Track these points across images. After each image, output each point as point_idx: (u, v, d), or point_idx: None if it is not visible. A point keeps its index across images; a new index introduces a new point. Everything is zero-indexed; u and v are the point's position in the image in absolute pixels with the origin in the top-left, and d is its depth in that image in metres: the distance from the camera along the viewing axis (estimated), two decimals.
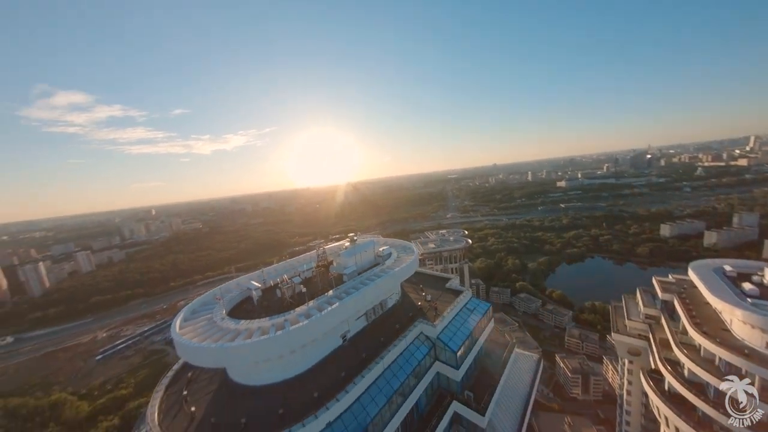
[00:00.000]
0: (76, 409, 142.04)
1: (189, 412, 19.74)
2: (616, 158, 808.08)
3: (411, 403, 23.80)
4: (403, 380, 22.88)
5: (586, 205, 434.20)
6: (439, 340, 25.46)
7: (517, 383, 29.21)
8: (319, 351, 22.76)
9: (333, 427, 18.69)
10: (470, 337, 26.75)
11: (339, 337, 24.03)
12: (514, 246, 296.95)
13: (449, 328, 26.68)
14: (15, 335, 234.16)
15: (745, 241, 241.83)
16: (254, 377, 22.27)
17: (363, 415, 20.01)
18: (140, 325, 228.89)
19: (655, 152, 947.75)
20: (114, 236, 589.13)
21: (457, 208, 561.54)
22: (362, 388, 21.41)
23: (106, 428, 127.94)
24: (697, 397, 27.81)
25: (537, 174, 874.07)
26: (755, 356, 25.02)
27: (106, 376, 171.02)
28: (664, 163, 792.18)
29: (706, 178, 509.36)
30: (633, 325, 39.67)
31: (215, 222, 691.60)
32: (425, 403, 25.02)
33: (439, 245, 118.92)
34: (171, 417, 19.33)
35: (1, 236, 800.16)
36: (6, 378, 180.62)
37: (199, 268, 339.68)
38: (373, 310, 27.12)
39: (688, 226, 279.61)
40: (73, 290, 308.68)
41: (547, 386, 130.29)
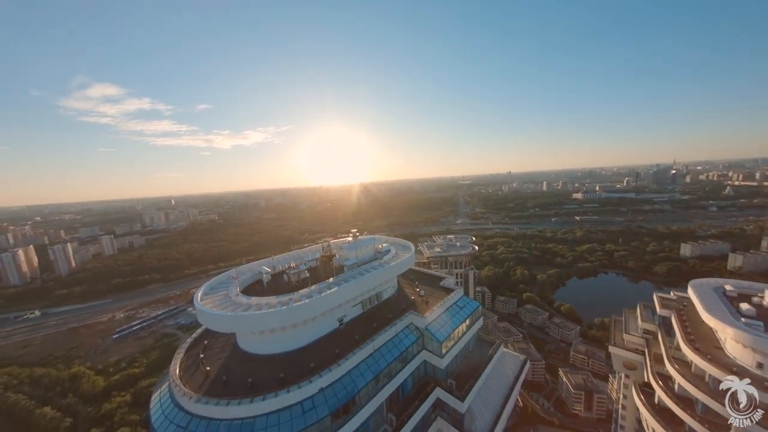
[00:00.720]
0: (92, 383, 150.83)
1: (204, 371, 23.10)
2: (638, 172, 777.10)
3: (396, 383, 25.82)
4: (390, 362, 25.27)
5: (603, 219, 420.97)
6: (427, 331, 27.56)
7: (499, 378, 30.62)
8: (318, 330, 25.58)
9: (325, 392, 21.49)
10: (457, 331, 28.59)
11: (336, 320, 26.63)
12: (524, 256, 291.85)
13: (438, 321, 28.64)
14: (42, 309, 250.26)
15: None
16: (260, 347, 25.25)
17: (351, 386, 22.76)
18: (155, 308, 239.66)
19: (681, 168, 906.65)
20: (135, 223, 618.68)
21: (468, 214, 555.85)
22: (353, 363, 24.06)
23: (119, 403, 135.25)
24: (684, 412, 28.16)
25: (553, 184, 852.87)
26: (744, 375, 25.29)
27: (121, 355, 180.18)
28: (690, 179, 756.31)
29: (735, 198, 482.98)
30: (630, 339, 39.84)
31: (230, 214, 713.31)
32: (411, 386, 27.30)
33: (445, 250, 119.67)
34: (190, 374, 22.53)
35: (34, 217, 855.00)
36: (32, 349, 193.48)
37: (213, 258, 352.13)
38: (369, 300, 29.46)
39: (711, 246, 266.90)
40: (97, 271, 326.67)
41: (549, 400, 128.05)
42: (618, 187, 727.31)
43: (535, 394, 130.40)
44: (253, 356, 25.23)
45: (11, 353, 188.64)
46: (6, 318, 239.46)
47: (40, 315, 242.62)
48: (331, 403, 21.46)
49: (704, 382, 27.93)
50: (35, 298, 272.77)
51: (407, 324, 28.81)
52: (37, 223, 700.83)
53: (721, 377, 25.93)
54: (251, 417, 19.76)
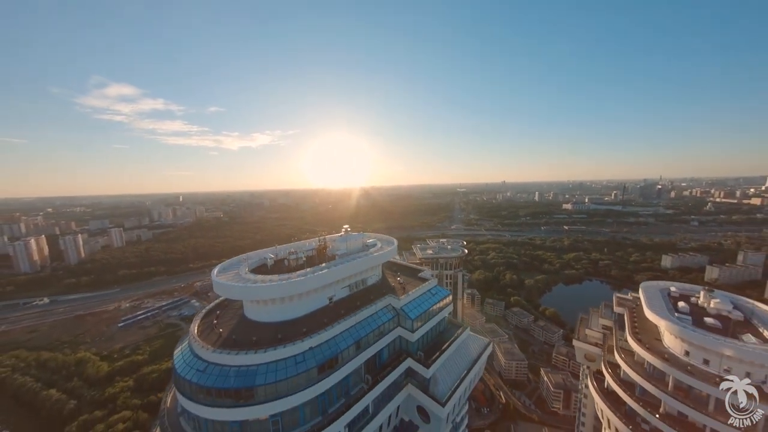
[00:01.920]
0: (97, 368, 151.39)
1: (218, 332, 27.39)
2: (625, 186, 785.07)
3: (373, 351, 30.17)
4: (368, 332, 29.66)
5: (590, 229, 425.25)
6: (402, 311, 31.09)
7: (463, 355, 33.76)
8: (311, 305, 29.39)
9: (314, 350, 25.86)
10: (427, 312, 32.19)
11: (327, 298, 30.14)
12: (513, 262, 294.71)
13: (411, 303, 32.14)
14: (51, 297, 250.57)
15: (748, 280, 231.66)
16: (263, 316, 29.38)
17: (335, 348, 27.19)
18: (159, 299, 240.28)
19: (666, 184, 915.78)
20: (144, 217, 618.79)
21: (463, 220, 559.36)
22: (337, 331, 28.30)
23: (122, 388, 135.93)
24: (626, 394, 31.13)
25: (544, 195, 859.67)
26: (673, 361, 28.33)
27: (125, 342, 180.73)
28: (674, 195, 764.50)
29: (715, 214, 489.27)
30: (591, 333, 42.84)
31: (235, 213, 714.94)
32: (387, 356, 30.73)
33: (437, 252, 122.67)
34: (205, 334, 26.23)
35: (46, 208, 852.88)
36: (40, 334, 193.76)
37: (217, 253, 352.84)
38: (355, 284, 33.10)
39: (690, 259, 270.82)
40: (105, 262, 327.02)
41: (530, 398, 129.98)
42: (606, 199, 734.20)
43: (518, 392, 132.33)
44: (256, 323, 29.29)
45: (19, 338, 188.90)
46: (15, 304, 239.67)
47: (49, 302, 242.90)
48: (318, 358, 25.64)
49: (643, 368, 30.93)
50: (44, 285, 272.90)
51: (386, 304, 32.73)
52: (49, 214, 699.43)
53: (655, 363, 29.01)
54: (255, 365, 23.78)
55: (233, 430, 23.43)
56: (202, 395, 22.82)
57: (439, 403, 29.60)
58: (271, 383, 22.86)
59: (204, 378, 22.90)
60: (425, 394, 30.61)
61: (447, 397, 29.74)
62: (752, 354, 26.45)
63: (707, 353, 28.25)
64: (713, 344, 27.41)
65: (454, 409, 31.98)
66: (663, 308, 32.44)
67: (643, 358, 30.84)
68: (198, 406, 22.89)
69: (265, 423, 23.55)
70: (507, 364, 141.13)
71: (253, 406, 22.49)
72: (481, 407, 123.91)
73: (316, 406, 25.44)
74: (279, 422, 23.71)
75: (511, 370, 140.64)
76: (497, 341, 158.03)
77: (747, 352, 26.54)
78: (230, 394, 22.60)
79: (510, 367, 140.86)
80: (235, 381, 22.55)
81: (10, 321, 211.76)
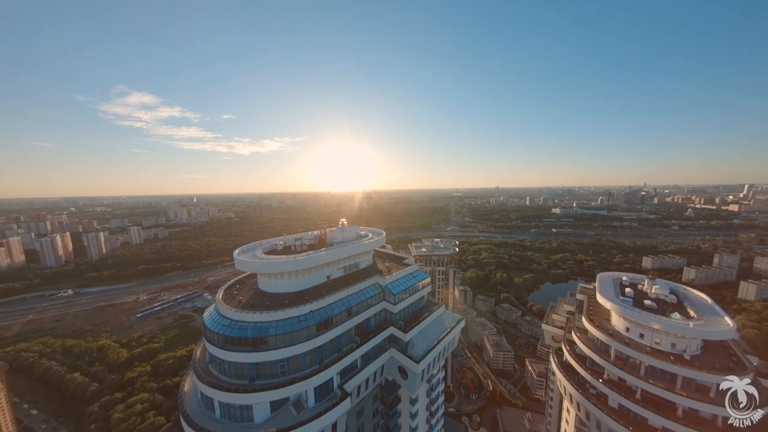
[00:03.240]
0: (117, 354, 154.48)
1: (238, 300, 32.77)
2: (610, 192, 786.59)
3: (362, 318, 35.33)
4: (358, 302, 35.01)
5: (576, 232, 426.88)
6: (386, 287, 35.40)
7: (438, 326, 37.69)
8: (313, 281, 34.04)
9: (313, 313, 30.93)
10: (408, 289, 36.61)
11: (325, 276, 34.16)
12: (504, 262, 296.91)
13: (394, 282, 36.62)
14: (75, 289, 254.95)
15: (722, 281, 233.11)
16: (274, 288, 34.42)
17: (330, 312, 32.36)
18: (174, 293, 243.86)
19: (650, 190, 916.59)
20: (161, 217, 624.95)
21: (458, 223, 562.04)
22: (332, 300, 33.33)
23: (140, 372, 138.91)
24: (578, 365, 34.49)
25: (535, 200, 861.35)
26: (616, 336, 31.73)
27: (143, 331, 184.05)
28: (658, 201, 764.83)
29: (695, 219, 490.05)
30: (557, 318, 46.21)
31: (245, 213, 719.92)
32: (374, 324, 34.94)
33: (430, 250, 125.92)
34: (228, 300, 30.52)
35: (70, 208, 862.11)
36: (65, 323, 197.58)
37: (228, 250, 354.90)
38: (349, 266, 37.73)
39: (669, 260, 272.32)
40: (124, 258, 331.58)
41: (516, 386, 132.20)
42: (593, 204, 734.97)
43: (505, 381, 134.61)
44: (268, 293, 34.34)
45: (46, 326, 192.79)
46: (42, 295, 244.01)
47: (73, 294, 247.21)
48: (316, 319, 30.75)
49: (593, 344, 34.28)
50: (69, 278, 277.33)
51: (373, 282, 37.71)
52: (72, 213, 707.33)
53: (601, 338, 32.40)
54: (267, 321, 28.87)
55: (250, 371, 27.94)
56: (227, 344, 27.59)
57: (414, 361, 33.96)
58: (279, 335, 27.57)
59: (228, 330, 27.72)
60: (404, 355, 34.79)
61: (421, 357, 34.19)
62: (674, 327, 29.95)
63: (641, 328, 31.69)
64: (645, 320, 30.89)
65: (428, 368, 36.65)
66: (611, 293, 35.97)
67: (594, 335, 34.26)
68: (224, 352, 27.65)
69: (275, 365, 27.99)
70: (495, 355, 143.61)
71: (266, 351, 27.27)
72: (470, 394, 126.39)
73: (315, 356, 30.19)
74: (285, 366, 28.46)
75: (499, 361, 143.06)
76: (486, 334, 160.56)
77: (670, 326, 30.04)
78: (248, 343, 27.33)
79: (498, 357, 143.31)
80: (252, 333, 27.30)
81: (37, 311, 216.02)
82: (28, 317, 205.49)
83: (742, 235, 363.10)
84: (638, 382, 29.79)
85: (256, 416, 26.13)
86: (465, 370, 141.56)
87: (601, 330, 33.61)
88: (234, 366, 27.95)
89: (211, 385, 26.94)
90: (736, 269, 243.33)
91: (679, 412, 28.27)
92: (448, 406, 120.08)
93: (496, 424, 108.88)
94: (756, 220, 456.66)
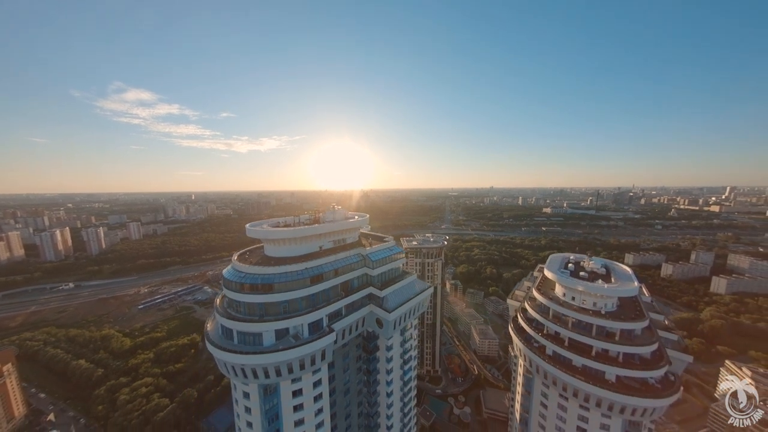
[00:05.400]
0: (121, 343, 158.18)
1: (249, 261, 39.94)
2: (599, 192, 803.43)
3: (347, 278, 43.19)
4: (343, 265, 42.92)
5: (565, 231, 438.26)
6: (367, 256, 43.36)
7: (409, 289, 45.90)
8: (308, 248, 42.31)
9: (308, 269, 38.52)
10: (385, 259, 44.86)
11: (318, 246, 40.91)
12: (494, 258, 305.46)
13: (374, 252, 45.26)
14: (75, 282, 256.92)
15: (697, 276, 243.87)
16: (277, 253, 41.87)
17: (321, 270, 39.83)
18: (175, 286, 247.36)
19: (638, 192, 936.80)
20: (159, 213, 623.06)
21: (452, 221, 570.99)
22: (323, 262, 40.88)
23: (143, 359, 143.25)
24: (527, 326, 41.49)
25: (527, 199, 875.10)
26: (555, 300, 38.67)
27: (145, 322, 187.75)
28: (644, 202, 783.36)
29: (678, 219, 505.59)
30: (519, 293, 53.27)
31: (243, 210, 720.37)
32: (356, 285, 42.97)
33: (420, 243, 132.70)
34: (242, 260, 37.30)
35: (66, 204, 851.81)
36: (67, 314, 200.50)
37: (227, 246, 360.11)
38: (337, 240, 45.22)
39: (650, 257, 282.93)
40: (124, 252, 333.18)
41: (499, 370, 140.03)
42: (583, 204, 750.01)
43: (489, 366, 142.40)
44: (273, 257, 41.52)
45: (49, 317, 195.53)
46: (43, 288, 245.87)
47: (74, 287, 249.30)
48: (310, 274, 38.34)
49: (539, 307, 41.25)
50: (69, 272, 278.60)
51: (357, 252, 45.80)
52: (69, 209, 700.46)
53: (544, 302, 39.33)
54: (272, 273, 36.44)
55: (260, 309, 35.61)
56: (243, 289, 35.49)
57: (387, 311, 41.92)
58: (281, 283, 35.70)
59: (244, 279, 36.01)
60: (380, 308, 42.74)
61: (393, 309, 42.32)
62: (592, 288, 37.33)
63: (572, 292, 38.74)
64: (573, 284, 38.03)
65: (399, 320, 44.57)
66: (556, 268, 43.03)
67: (540, 301, 41.23)
68: (240, 295, 35.50)
69: (278, 306, 35.91)
70: (481, 342, 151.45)
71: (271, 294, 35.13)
72: (456, 378, 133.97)
73: (309, 301, 37.74)
74: (287, 306, 36.17)
75: (485, 348, 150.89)
76: (474, 324, 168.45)
77: (590, 287, 37.33)
78: (258, 288, 35.45)
79: (483, 345, 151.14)
80: (261, 281, 35.64)
81: (39, 302, 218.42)
82: (30, 309, 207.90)
83: (720, 234, 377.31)
84: (567, 332, 36.82)
85: (265, 341, 33.82)
86: (452, 356, 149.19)
87: (544, 296, 40.60)
88: (247, 305, 35.60)
89: (231, 318, 34.91)
90: (711, 265, 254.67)
91: (593, 352, 35.38)
92: (435, 389, 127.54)
93: (479, 403, 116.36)
94: (734, 221, 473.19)
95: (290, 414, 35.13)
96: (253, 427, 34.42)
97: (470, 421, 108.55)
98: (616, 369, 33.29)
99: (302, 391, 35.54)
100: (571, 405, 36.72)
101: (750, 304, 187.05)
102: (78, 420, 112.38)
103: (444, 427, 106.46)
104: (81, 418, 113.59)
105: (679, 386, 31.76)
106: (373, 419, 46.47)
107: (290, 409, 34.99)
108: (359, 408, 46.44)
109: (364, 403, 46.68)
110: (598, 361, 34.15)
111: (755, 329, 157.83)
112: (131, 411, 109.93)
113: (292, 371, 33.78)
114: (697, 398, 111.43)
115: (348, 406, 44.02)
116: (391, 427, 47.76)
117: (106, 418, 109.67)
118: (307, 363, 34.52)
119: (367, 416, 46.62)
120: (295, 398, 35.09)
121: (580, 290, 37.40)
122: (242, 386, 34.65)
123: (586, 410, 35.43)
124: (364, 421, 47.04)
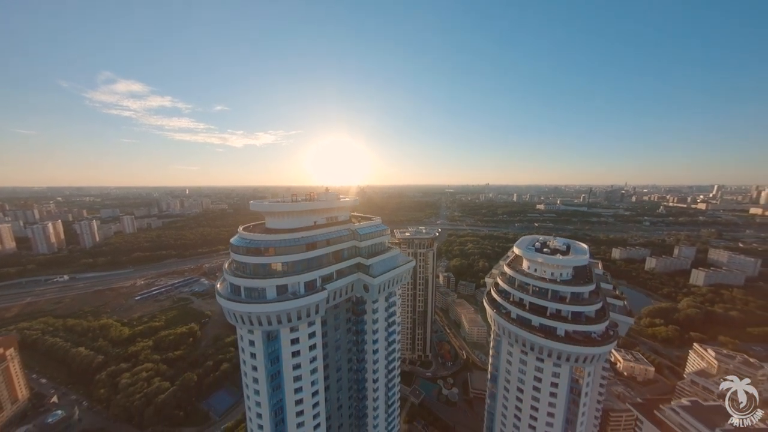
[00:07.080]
0: (119, 332, 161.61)
1: (253, 231, 45.70)
2: (591, 190, 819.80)
3: (338, 248, 49.05)
4: (334, 237, 48.81)
5: (557, 227, 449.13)
6: (356, 230, 49.34)
7: (392, 261, 52.54)
8: (303, 222, 47.49)
9: (303, 237, 43.92)
10: (371, 233, 51.12)
11: (312, 221, 46.28)
12: (487, 252, 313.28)
13: (362, 227, 51.10)
14: (70, 275, 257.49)
15: (679, 269, 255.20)
16: (277, 225, 47.54)
17: (314, 239, 45.34)
18: (172, 278, 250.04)
19: (630, 189, 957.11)
20: (153, 207, 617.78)
21: (448, 217, 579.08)
22: (316, 233, 46.48)
23: (142, 346, 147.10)
24: (498, 296, 47.59)
25: (522, 196, 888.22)
26: (520, 272, 44.59)
27: (142, 312, 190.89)
28: (635, 199, 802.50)
29: (665, 216, 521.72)
30: (494, 272, 59.32)
31: (239, 205, 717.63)
32: (346, 255, 48.32)
33: (413, 234, 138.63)
34: (247, 231, 42.35)
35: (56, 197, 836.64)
36: (64, 305, 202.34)
37: (222, 239, 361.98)
38: (330, 217, 51.94)
39: (635, 252, 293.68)
40: (118, 245, 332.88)
41: (487, 356, 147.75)
42: (575, 201, 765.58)
43: (478, 351, 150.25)
44: (273, 228, 47.32)
45: (45, 308, 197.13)
46: (38, 280, 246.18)
47: (69, 279, 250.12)
48: (306, 242, 43.79)
49: (508, 279, 47.26)
50: (63, 265, 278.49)
51: (347, 227, 51.36)
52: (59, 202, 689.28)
53: (512, 275, 45.29)
54: (272, 240, 41.82)
55: (264, 270, 41.44)
56: (249, 253, 41.01)
57: (372, 277, 48.11)
58: (281, 248, 41.65)
59: (249, 244, 41.76)
60: (367, 275, 48.99)
61: (378, 275, 48.57)
62: (548, 259, 43.80)
63: (534, 264, 44.97)
64: (533, 257, 44.27)
65: (383, 286, 50.43)
66: (524, 246, 49.10)
67: (509, 274, 47.23)
68: (246, 257, 41.07)
69: (278, 267, 41.67)
70: (470, 329, 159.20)
71: (272, 257, 41.00)
72: (446, 362, 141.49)
73: (305, 264, 43.33)
74: (286, 267, 41.97)
75: (474, 335, 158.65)
76: (464, 313, 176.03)
77: (546, 258, 43.68)
78: (260, 252, 41.23)
79: (473, 332, 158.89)
80: (264, 245, 41.51)
81: (35, 294, 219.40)
82: (26, 300, 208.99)
83: (703, 230, 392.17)
84: (528, 297, 43.01)
85: (268, 295, 39.64)
86: (443, 343, 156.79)
87: (512, 269, 46.60)
88: (253, 266, 41.42)
89: (239, 277, 40.73)
90: (692, 259, 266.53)
91: (548, 313, 41.58)
92: (425, 372, 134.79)
93: (466, 385, 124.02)
94: (719, 218, 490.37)
95: (289, 359, 40.95)
96: (257, 369, 40.08)
97: (457, 401, 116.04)
98: (565, 325, 39.54)
99: (299, 339, 41.33)
100: (530, 359, 43.07)
101: (725, 295, 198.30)
102: (81, 402, 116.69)
103: (433, 405, 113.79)
104: (83, 400, 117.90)
105: (616, 339, 38.50)
106: (360, 374, 53.16)
107: (289, 355, 40.87)
108: (349, 364, 53.11)
109: (353, 359, 53.12)
110: (551, 319, 40.39)
111: (726, 317, 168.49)
112: (133, 393, 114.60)
113: (290, 320, 39.53)
114: (668, 379, 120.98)
115: (339, 360, 50.89)
116: (376, 380, 54.40)
117: (109, 401, 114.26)
118: (303, 314, 40.32)
119: (356, 371, 53.24)
120: (293, 345, 41.04)
121: (540, 261, 43.50)
122: (248, 335, 40.37)
123: (542, 361, 41.86)
124: (354, 376, 53.84)
